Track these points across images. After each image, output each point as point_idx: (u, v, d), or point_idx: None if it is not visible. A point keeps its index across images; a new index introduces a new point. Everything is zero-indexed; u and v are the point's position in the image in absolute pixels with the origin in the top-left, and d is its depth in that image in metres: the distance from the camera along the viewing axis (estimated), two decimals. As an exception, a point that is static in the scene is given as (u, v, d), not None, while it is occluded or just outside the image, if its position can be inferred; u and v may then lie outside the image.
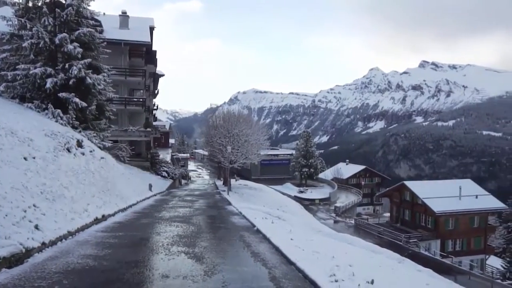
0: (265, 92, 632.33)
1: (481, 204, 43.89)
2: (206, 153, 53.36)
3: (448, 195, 42.71)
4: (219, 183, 43.02)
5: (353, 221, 49.09)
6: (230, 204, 22.85)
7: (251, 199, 31.43)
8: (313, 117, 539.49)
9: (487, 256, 45.38)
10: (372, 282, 6.88)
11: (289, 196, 50.84)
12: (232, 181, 39.21)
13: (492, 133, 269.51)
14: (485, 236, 45.30)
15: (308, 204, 53.63)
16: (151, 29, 37.42)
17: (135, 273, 7.36)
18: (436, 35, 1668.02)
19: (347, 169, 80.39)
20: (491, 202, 45.59)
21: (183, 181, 46.80)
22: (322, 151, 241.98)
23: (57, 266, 7.37)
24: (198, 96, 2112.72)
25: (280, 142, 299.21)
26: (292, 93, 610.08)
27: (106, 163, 18.23)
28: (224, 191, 32.09)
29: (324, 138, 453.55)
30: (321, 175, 77.37)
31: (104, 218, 13.37)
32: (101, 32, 25.88)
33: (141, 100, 35.95)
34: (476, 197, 44.11)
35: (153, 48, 39.06)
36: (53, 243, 8.87)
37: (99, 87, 21.54)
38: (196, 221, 15.03)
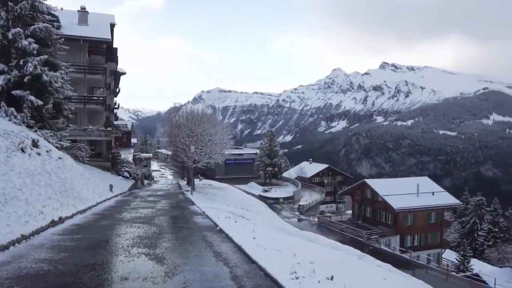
0: (229, 91, 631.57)
1: (437, 200, 45.67)
2: (169, 152, 52.65)
3: (407, 192, 44.17)
4: (183, 183, 42.52)
5: (316, 219, 49.84)
6: (193, 204, 22.65)
7: (215, 199, 31.31)
8: (277, 116, 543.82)
9: (443, 250, 47.30)
10: (332, 278, 7.01)
11: (254, 195, 50.96)
12: (196, 180, 38.90)
13: (448, 133, 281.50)
14: (441, 231, 47.16)
15: (273, 203, 53.95)
16: (112, 25, 36.50)
17: (93, 276, 7.15)
18: (395, 38, 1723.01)
19: (311, 168, 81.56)
20: (446, 198, 47.54)
21: (145, 182, 45.93)
22: (286, 150, 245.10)
23: (9, 272, 7.04)
24: (162, 94, 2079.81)
25: (244, 141, 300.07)
26: (256, 93, 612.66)
27: (63, 164, 17.62)
28: (187, 191, 31.77)
29: (288, 138, 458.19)
30: (285, 174, 78.17)
31: (61, 220, 12.91)
32: (58, 27, 25.01)
33: (101, 98, 34.98)
34: (433, 194, 45.82)
35: (114, 45, 38.13)
36: (4, 247, 8.47)
37: (56, 84, 20.76)
38: (158, 221, 14.81)
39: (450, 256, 48.64)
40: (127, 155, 46.91)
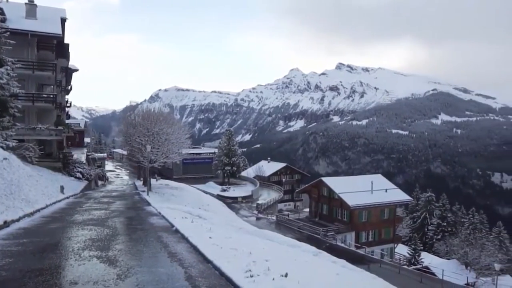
0: (187, 90, 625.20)
1: (390, 197, 47.36)
2: (125, 152, 51.28)
3: (362, 190, 45.51)
4: (139, 183, 41.58)
5: (274, 218, 50.23)
6: (149, 204, 22.23)
7: (172, 199, 30.81)
8: (236, 115, 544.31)
9: (395, 245, 49.11)
10: (286, 275, 7.09)
11: (212, 194, 50.63)
12: (153, 181, 38.15)
13: (400, 132, 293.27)
14: (394, 226, 48.93)
15: (231, 202, 53.84)
16: (63, 20, 35.00)
17: (40, 281, 6.85)
18: (350, 39, 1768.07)
19: (269, 167, 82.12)
20: (399, 195, 49.39)
21: (99, 182, 44.53)
22: (244, 149, 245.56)
23: None
24: (117, 93, 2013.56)
25: (203, 140, 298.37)
26: (215, 92, 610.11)
27: (9, 164, 16.75)
28: (143, 191, 31.09)
29: (247, 137, 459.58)
30: (243, 173, 78.20)
31: (6, 224, 12.26)
32: (3, 20, 23.75)
33: (51, 96, 33.48)
34: (386, 191, 47.46)
35: (66, 41, 36.60)
36: None
37: (1, 81, 19.74)
38: (111, 223, 14.40)
39: (402, 250, 50.61)
40: (80, 155, 45.30)
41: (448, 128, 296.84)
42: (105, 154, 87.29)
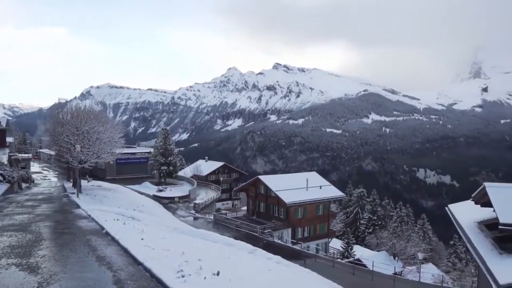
0: (121, 87, 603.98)
1: (325, 193, 48.90)
2: (53, 152, 48.35)
3: (298, 187, 46.55)
4: (68, 185, 39.40)
5: (212, 217, 49.97)
6: (79, 207, 21.17)
7: (104, 201, 29.57)
8: (173, 114, 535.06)
9: (330, 239, 50.84)
10: (218, 273, 7.05)
11: (148, 195, 49.31)
12: (83, 182, 36.38)
13: (334, 131, 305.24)
14: (328, 221, 50.62)
15: (168, 203, 52.72)
16: (-20, 10, 32.23)
17: None
18: (286, 40, 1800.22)
19: (207, 166, 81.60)
20: (332, 191, 51.12)
21: (24, 185, 41.62)
22: (182, 148, 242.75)
23: None
24: (44, 89, 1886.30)
25: (138, 140, 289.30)
26: (150, 89, 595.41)
27: None
28: (73, 193, 29.57)
29: (184, 136, 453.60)
30: (180, 173, 76.98)
31: None
32: None
33: (-33, 92, 30.77)
34: (321, 187, 48.94)
35: (-17, 33, 33.72)
36: None
37: None
38: (35, 228, 13.50)
39: (336, 244, 52.60)
40: (1, 156, 42.07)
41: (378, 127, 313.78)
42: (31, 155, 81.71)
